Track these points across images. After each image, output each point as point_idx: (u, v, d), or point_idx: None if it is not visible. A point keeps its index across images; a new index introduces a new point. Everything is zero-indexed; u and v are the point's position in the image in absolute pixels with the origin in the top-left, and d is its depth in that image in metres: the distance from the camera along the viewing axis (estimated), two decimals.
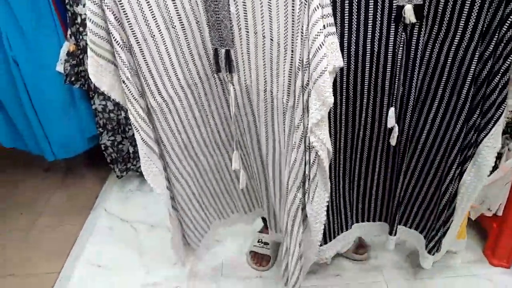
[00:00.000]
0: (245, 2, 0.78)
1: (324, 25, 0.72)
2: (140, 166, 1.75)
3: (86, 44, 1.52)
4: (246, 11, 0.79)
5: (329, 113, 0.91)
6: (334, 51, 0.75)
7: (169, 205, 1.07)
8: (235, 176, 1.16)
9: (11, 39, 1.48)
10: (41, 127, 1.63)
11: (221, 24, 0.82)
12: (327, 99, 0.76)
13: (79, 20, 1.49)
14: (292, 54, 0.79)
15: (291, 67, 0.81)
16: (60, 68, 1.57)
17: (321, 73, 0.74)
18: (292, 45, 0.78)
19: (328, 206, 0.93)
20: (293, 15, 0.75)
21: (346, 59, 0.90)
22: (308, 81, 0.78)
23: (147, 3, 0.79)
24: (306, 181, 0.89)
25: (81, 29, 1.51)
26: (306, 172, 0.87)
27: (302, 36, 0.75)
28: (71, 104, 1.64)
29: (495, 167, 1.32)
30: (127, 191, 1.85)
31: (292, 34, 0.77)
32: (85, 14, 1.48)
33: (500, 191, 1.28)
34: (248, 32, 0.81)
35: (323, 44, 0.72)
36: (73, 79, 1.57)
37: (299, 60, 0.76)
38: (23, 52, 1.50)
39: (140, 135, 0.90)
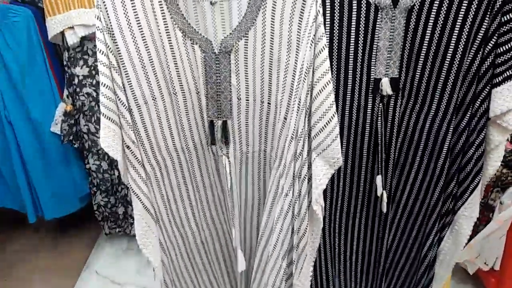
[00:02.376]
0: (247, 74, 0.82)
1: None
2: (126, 227, 1.81)
3: (82, 104, 1.64)
4: (247, 82, 0.83)
5: None
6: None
7: (161, 278, 1.06)
8: (223, 260, 1.13)
9: (5, 98, 1.55)
10: (28, 186, 1.67)
11: (220, 96, 0.85)
12: (338, 160, 0.82)
13: (76, 81, 1.58)
14: (285, 118, 0.83)
15: (281, 131, 0.85)
16: (54, 128, 1.64)
17: (334, 138, 0.81)
18: (286, 112, 0.82)
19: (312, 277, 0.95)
20: (292, 85, 0.80)
21: None
22: (301, 150, 0.82)
23: (152, 68, 0.81)
24: (292, 251, 0.90)
25: (78, 89, 1.60)
26: (294, 242, 0.88)
27: (298, 107, 0.79)
28: (65, 164, 1.70)
29: (489, 220, 1.37)
30: (119, 250, 1.87)
31: (288, 103, 0.81)
32: (82, 75, 1.59)
33: (495, 245, 1.30)
34: (247, 101, 0.85)
35: (335, 115, 0.79)
36: (71, 138, 1.64)
37: (294, 130, 0.80)
38: (17, 112, 1.58)
39: (142, 202, 0.88)
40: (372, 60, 0.90)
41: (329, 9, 0.87)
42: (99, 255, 1.85)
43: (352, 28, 0.88)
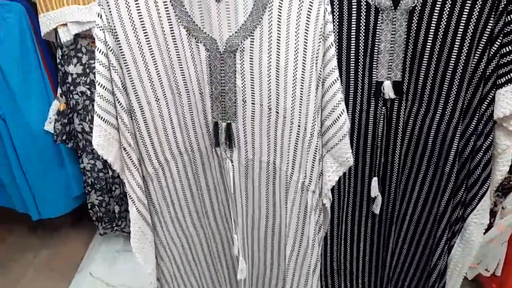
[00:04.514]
0: (252, 75, 0.80)
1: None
2: (124, 226, 1.80)
3: (76, 103, 1.63)
4: (253, 84, 0.81)
5: None
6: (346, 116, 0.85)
7: (154, 280, 1.06)
8: (226, 265, 1.12)
9: None
10: (27, 185, 1.67)
11: (225, 97, 0.83)
12: (349, 159, 0.84)
13: (70, 79, 1.56)
14: (298, 128, 0.83)
15: (296, 141, 0.85)
16: (48, 127, 1.63)
17: (342, 137, 0.82)
18: (299, 119, 0.82)
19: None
20: (302, 91, 0.80)
21: None
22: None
23: (155, 67, 0.81)
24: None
25: (71, 88, 1.58)
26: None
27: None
28: (59, 163, 1.69)
29: (490, 226, 1.36)
30: (114, 251, 1.86)
31: (300, 109, 0.81)
32: (76, 73, 1.57)
33: (497, 251, 1.29)
34: (254, 105, 0.83)
35: (343, 112, 0.80)
36: (64, 137, 1.62)
37: (316, 146, 0.83)
38: (11, 110, 1.56)
39: (136, 207, 0.89)
40: (374, 63, 0.89)
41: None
42: (93, 256, 1.84)
43: (352, 31, 0.86)
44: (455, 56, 0.83)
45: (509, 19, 0.79)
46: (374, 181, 0.99)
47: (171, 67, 0.82)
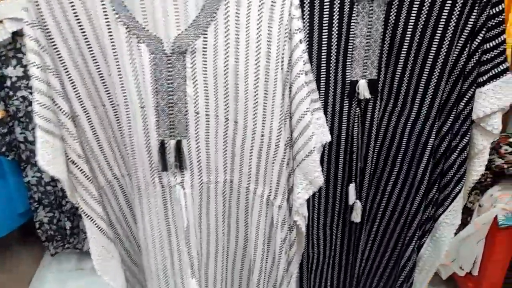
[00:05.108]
0: (206, 81, 0.69)
1: (311, 100, 0.72)
2: (76, 243, 1.67)
3: (17, 109, 1.48)
4: (207, 91, 0.70)
5: None
6: (321, 127, 0.76)
7: None
8: None
9: None
10: None
11: (173, 109, 0.70)
12: (316, 179, 0.75)
13: (8, 83, 1.42)
14: (261, 139, 0.73)
15: (260, 152, 0.75)
16: None
17: (309, 152, 0.72)
18: (263, 129, 0.72)
19: None
20: (265, 97, 0.70)
21: None
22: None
23: (91, 69, 0.70)
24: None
25: (11, 93, 1.44)
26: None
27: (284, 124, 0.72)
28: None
29: (466, 223, 1.34)
30: (65, 271, 1.73)
31: (264, 117, 0.71)
32: (15, 77, 1.42)
33: (472, 249, 1.29)
34: (208, 116, 0.72)
35: (310, 123, 0.71)
36: (4, 149, 1.48)
37: (283, 155, 0.74)
38: None
39: (97, 224, 0.79)
40: (348, 60, 0.81)
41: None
42: (45, 275, 1.70)
43: (324, 24, 0.78)
44: (434, 50, 0.77)
45: (493, 12, 0.73)
46: (352, 187, 0.93)
47: (108, 72, 0.69)
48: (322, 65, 0.82)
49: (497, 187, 1.28)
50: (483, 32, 0.74)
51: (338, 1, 0.77)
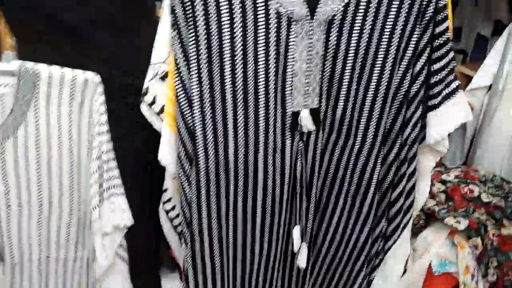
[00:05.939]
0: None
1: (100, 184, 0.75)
2: None
3: None
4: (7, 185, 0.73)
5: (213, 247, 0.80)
6: (115, 211, 0.77)
7: None
8: None
9: None
10: None
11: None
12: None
13: None
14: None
15: (60, 221, 0.79)
16: None
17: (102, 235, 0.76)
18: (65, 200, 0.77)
19: None
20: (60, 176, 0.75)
21: (233, 175, 0.75)
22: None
23: None
24: None
25: None
26: None
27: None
28: None
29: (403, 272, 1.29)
30: None
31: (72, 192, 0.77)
32: None
33: None
34: (21, 207, 0.75)
35: (97, 207, 0.75)
36: None
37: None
38: None
39: None
40: (287, 89, 0.70)
41: (227, 23, 0.63)
42: None
43: (259, 50, 0.66)
44: (377, 74, 0.70)
45: (439, 31, 0.70)
46: (296, 230, 0.81)
47: None
48: (260, 96, 0.69)
49: (430, 228, 1.25)
50: (427, 52, 0.70)
51: (275, 21, 0.65)
